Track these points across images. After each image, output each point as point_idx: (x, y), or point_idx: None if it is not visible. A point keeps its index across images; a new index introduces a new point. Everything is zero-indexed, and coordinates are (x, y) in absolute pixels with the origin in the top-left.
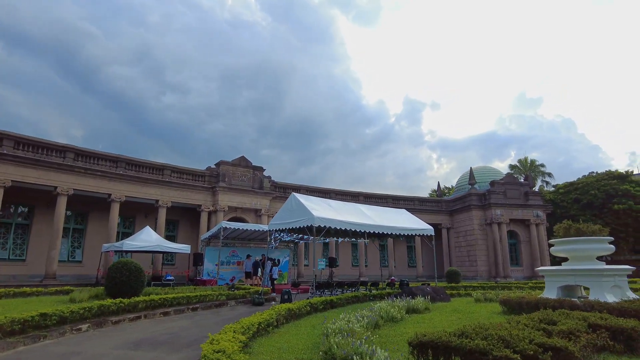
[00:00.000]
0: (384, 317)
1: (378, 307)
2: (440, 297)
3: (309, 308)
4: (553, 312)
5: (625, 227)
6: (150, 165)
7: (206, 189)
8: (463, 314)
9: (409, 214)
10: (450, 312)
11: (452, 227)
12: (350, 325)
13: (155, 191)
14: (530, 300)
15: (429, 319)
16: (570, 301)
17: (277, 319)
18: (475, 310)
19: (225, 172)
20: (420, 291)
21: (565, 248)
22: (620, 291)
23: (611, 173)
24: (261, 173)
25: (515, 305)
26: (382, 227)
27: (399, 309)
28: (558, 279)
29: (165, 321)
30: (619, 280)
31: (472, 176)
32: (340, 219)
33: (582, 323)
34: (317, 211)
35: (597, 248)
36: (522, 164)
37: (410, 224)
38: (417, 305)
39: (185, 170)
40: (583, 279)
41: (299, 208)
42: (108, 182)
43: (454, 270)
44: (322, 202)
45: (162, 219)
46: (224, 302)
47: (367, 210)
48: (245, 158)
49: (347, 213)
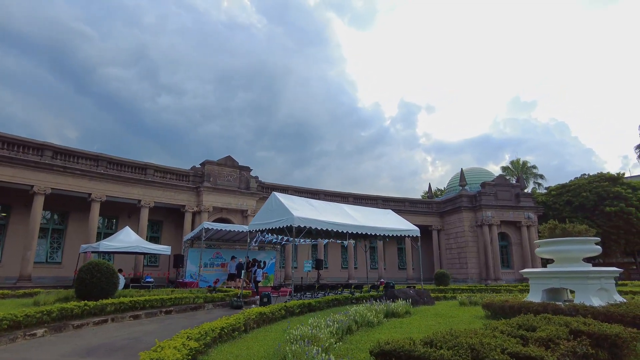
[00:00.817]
0: (358, 321)
1: (354, 311)
2: (423, 301)
3: (284, 312)
4: (534, 317)
5: (617, 229)
6: (132, 165)
7: (190, 189)
8: (444, 318)
9: (395, 215)
10: (431, 316)
11: (443, 228)
12: (315, 331)
13: (138, 191)
14: (513, 304)
15: (407, 323)
16: (554, 305)
17: (246, 324)
18: (458, 314)
19: (210, 172)
20: (403, 294)
21: (550, 249)
22: (607, 294)
23: (603, 175)
24: (248, 173)
25: (498, 310)
26: (365, 227)
27: (376, 313)
28: (542, 282)
29: (133, 325)
30: (606, 283)
31: (462, 177)
32: (320, 219)
33: (563, 329)
34: (298, 211)
35: (582, 249)
36: (514, 165)
37: (396, 225)
38: (397, 309)
39: (169, 170)
40: (568, 281)
41: (279, 208)
42: (88, 182)
43: (443, 273)
44: (304, 202)
45: (145, 220)
46: (200, 306)
47: (351, 210)
48: (232, 158)
49: (329, 213)
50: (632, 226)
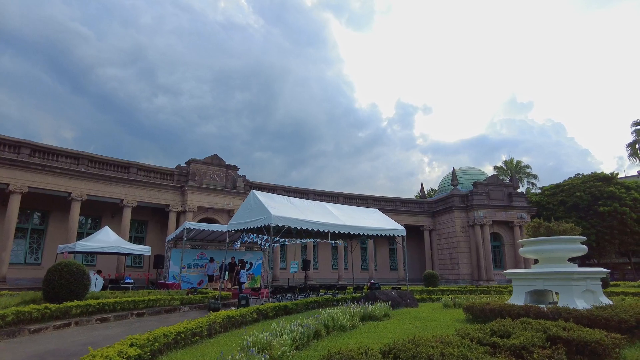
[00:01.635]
0: (329, 325)
1: (326, 314)
2: (406, 302)
3: (256, 315)
4: (511, 322)
5: (611, 229)
6: (115, 163)
7: (175, 188)
8: (423, 322)
9: (381, 214)
10: (410, 320)
11: (435, 229)
12: (272, 338)
13: (120, 190)
14: (494, 307)
15: (383, 327)
16: (536, 308)
17: (210, 328)
18: (439, 317)
19: (195, 170)
20: (384, 296)
21: (533, 249)
22: (593, 296)
23: (597, 175)
24: (235, 172)
25: (479, 313)
26: (348, 227)
27: (351, 316)
28: (526, 283)
29: (97, 329)
30: (592, 284)
31: (454, 177)
32: (300, 218)
33: (540, 335)
34: (276, 210)
35: (568, 248)
36: (507, 165)
37: (381, 224)
38: (375, 312)
39: (152, 169)
40: (552, 282)
41: (257, 207)
42: (68, 180)
43: (432, 273)
44: (284, 201)
45: (127, 220)
46: (176, 308)
47: (334, 209)
48: (218, 156)
49: (311, 212)
50: (626, 226)
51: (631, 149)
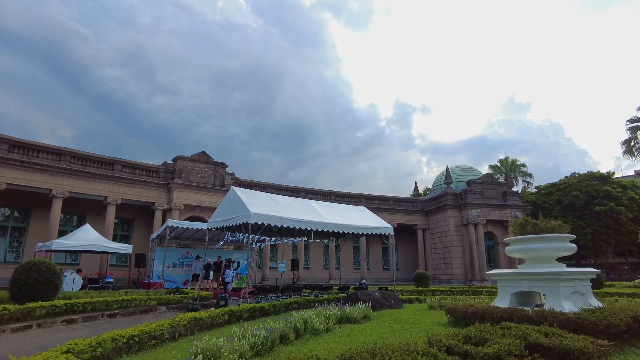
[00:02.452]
0: (300, 329)
1: (298, 317)
2: (389, 304)
3: (228, 317)
4: (491, 327)
5: (606, 229)
6: (99, 159)
7: (160, 186)
8: (402, 325)
9: (369, 212)
10: (389, 323)
11: (428, 228)
12: (221, 343)
13: (104, 187)
14: (477, 310)
15: (359, 331)
16: (521, 311)
17: (174, 330)
18: (421, 320)
19: (182, 167)
20: (367, 296)
21: (520, 248)
22: (582, 298)
23: (593, 174)
24: (223, 169)
25: (461, 315)
26: (332, 224)
27: (326, 318)
28: (511, 284)
29: (60, 331)
30: (581, 286)
31: (448, 175)
32: (280, 216)
33: (518, 343)
34: (255, 207)
35: (555, 247)
36: (503, 164)
37: (368, 222)
38: (353, 314)
39: (138, 165)
40: (538, 284)
41: (237, 204)
42: (49, 177)
43: (423, 273)
44: (266, 198)
45: (111, 217)
46: (152, 308)
47: (319, 207)
48: (206, 153)
49: (294, 210)
50: (621, 226)
51: (626, 147)
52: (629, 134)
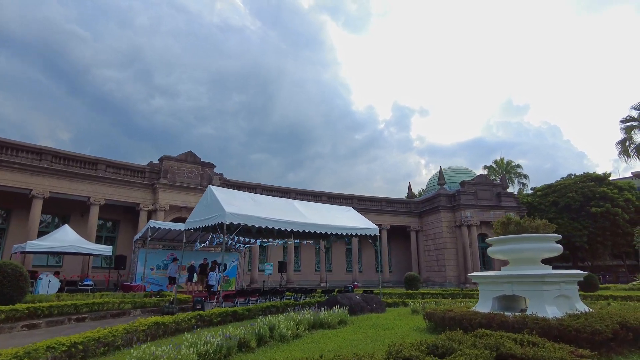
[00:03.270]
0: (264, 335)
1: (264, 322)
2: (371, 308)
3: (195, 321)
4: (463, 335)
5: (603, 231)
6: (81, 159)
7: (145, 186)
8: (378, 331)
9: (355, 212)
10: (365, 328)
11: (422, 229)
12: (159, 352)
13: (87, 187)
14: (454, 316)
15: (331, 337)
16: (501, 317)
17: (130, 337)
18: (399, 325)
19: (168, 168)
20: (347, 300)
21: (502, 249)
22: (568, 302)
23: (589, 175)
24: (211, 170)
25: (439, 321)
26: (314, 225)
27: (296, 323)
28: (493, 288)
29: (17, 337)
30: (567, 289)
31: (441, 176)
32: (258, 216)
33: (487, 354)
34: (232, 206)
35: (540, 248)
36: (498, 164)
37: (353, 223)
38: (328, 319)
39: (122, 165)
40: (521, 287)
41: (213, 203)
42: (29, 177)
43: (413, 276)
44: (245, 197)
45: (94, 219)
46: (125, 312)
47: (302, 207)
48: (193, 153)
49: (275, 210)
50: (618, 227)
51: (621, 147)
52: (623, 134)
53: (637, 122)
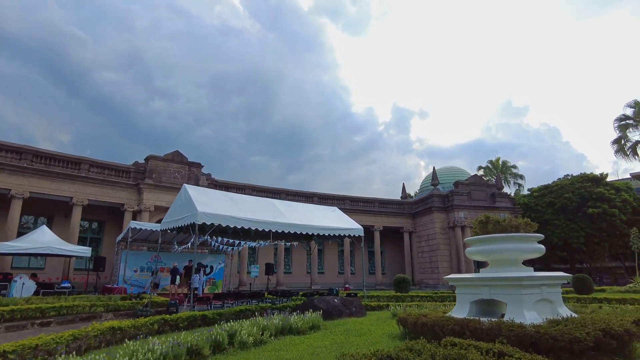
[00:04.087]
0: (222, 342)
1: (228, 327)
2: (349, 311)
3: (158, 326)
4: (427, 345)
5: (600, 232)
6: (64, 159)
7: (130, 186)
8: (349, 337)
9: (340, 213)
10: (337, 334)
11: (415, 231)
12: None
13: (69, 187)
14: (427, 321)
15: (296, 344)
16: (476, 323)
17: (79, 344)
18: (374, 330)
19: (154, 167)
20: (325, 304)
21: (480, 249)
22: (551, 307)
23: (586, 176)
24: (199, 170)
25: (412, 327)
26: (294, 225)
27: (259, 329)
28: (470, 291)
29: None
30: (549, 292)
31: (434, 176)
32: (232, 215)
33: None
34: (205, 205)
35: (520, 249)
36: (493, 165)
37: (336, 223)
38: (297, 325)
39: (107, 165)
40: (498, 290)
41: (187, 202)
42: (8, 176)
43: (402, 278)
44: (222, 197)
45: (77, 219)
46: (97, 315)
47: (283, 207)
48: (180, 153)
49: (252, 210)
50: (615, 228)
51: (617, 146)
52: (618, 132)
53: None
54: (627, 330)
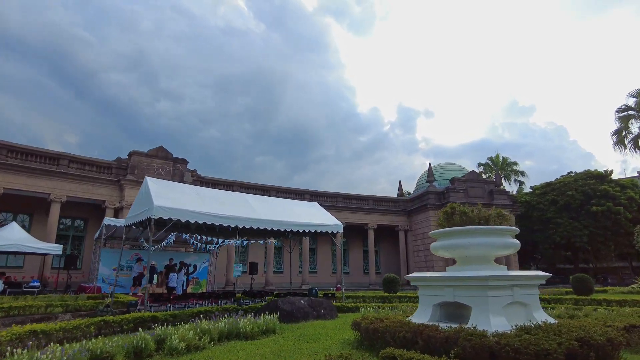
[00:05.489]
0: (146, 348)
1: (160, 331)
2: (317, 314)
3: (95, 329)
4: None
5: (604, 231)
6: (41, 154)
7: (112, 183)
8: (300, 344)
9: (319, 208)
10: (289, 340)
11: (411, 229)
12: None
13: (47, 183)
14: (378, 327)
15: (234, 351)
16: (432, 330)
17: None
18: (331, 335)
19: (137, 163)
20: (289, 305)
21: (445, 244)
22: (525, 311)
23: (590, 173)
24: (184, 166)
25: (364, 333)
26: (264, 221)
27: (195, 334)
28: (433, 293)
29: None
30: (523, 295)
31: (430, 173)
32: (192, 210)
33: None
34: (164, 199)
35: (490, 243)
36: (493, 161)
37: (311, 219)
38: (246, 328)
39: (87, 161)
40: (463, 292)
41: (146, 196)
42: None
43: (391, 278)
44: (187, 190)
45: (55, 217)
46: (52, 316)
47: (255, 202)
48: (164, 148)
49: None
50: (620, 227)
51: (617, 137)
52: (618, 124)
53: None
54: (611, 340)
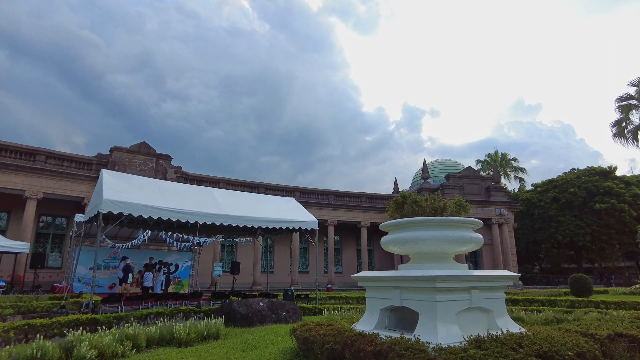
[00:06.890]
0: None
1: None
2: (276, 317)
3: (14, 333)
4: None
5: (608, 229)
6: (16, 149)
7: (91, 179)
8: (235, 352)
9: (296, 204)
10: (228, 347)
11: None
12: None
13: (22, 180)
14: (310, 336)
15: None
16: (365, 341)
17: None
18: (277, 342)
19: (118, 159)
20: (245, 307)
21: (395, 238)
22: (486, 318)
23: (593, 169)
24: (167, 162)
25: (299, 341)
26: (227, 217)
27: (114, 340)
28: (380, 295)
29: None
30: (484, 299)
31: (425, 169)
32: (145, 204)
33: None
34: (116, 193)
35: (446, 237)
36: (491, 158)
37: (286, 215)
38: (180, 334)
39: (66, 157)
40: (410, 295)
41: (99, 190)
42: None
43: None
44: (147, 184)
45: (31, 214)
46: (2, 318)
47: (223, 197)
48: (147, 144)
49: (182, 199)
50: (624, 225)
51: (617, 129)
52: (619, 113)
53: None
54: (582, 355)
